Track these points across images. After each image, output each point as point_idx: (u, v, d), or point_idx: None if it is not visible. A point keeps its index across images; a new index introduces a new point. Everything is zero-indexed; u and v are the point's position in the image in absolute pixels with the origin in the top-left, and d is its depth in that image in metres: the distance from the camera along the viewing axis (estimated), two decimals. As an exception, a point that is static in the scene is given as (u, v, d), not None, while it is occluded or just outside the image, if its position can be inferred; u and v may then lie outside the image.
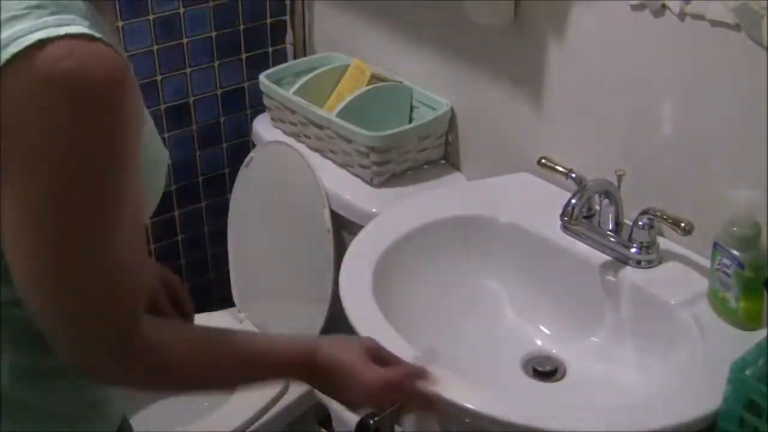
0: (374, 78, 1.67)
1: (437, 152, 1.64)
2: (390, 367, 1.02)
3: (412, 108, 1.67)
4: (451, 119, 1.61)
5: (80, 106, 0.76)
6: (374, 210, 1.52)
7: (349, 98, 1.62)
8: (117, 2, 1.69)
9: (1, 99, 0.74)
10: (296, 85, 1.72)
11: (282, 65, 1.87)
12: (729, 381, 1.00)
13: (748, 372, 1.00)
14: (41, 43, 0.74)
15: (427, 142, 1.61)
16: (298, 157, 1.65)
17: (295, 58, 1.96)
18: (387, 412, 1.49)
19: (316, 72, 1.74)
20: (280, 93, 1.71)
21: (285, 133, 1.75)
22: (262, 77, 1.76)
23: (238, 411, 1.66)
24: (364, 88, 1.64)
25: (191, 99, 1.89)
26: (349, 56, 1.76)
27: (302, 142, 1.71)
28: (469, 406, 1.05)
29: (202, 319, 1.86)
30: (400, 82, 1.68)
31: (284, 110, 1.72)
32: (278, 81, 1.77)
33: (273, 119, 1.78)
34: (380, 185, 1.59)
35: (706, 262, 1.22)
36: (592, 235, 1.31)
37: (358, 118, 1.58)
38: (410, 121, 1.66)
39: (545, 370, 1.28)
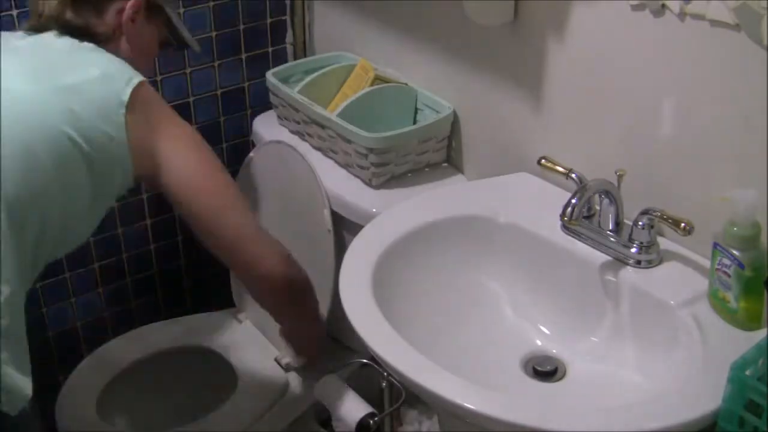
0: (378, 79, 1.67)
1: (439, 155, 1.64)
2: None
3: (417, 110, 1.67)
4: (454, 122, 1.61)
5: None
6: (374, 210, 1.52)
7: (351, 98, 1.62)
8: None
9: None
10: (301, 84, 1.72)
11: (290, 63, 1.87)
12: (729, 381, 1.00)
13: (748, 372, 1.00)
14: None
15: (428, 145, 1.61)
16: (298, 157, 1.66)
17: (295, 58, 1.97)
18: (387, 412, 1.49)
19: (321, 71, 1.74)
20: (284, 91, 1.71)
21: (290, 131, 1.75)
22: (269, 74, 1.76)
23: (238, 411, 1.66)
24: (367, 89, 1.64)
25: (191, 99, 1.90)
26: (357, 56, 1.76)
27: (306, 141, 1.71)
28: (469, 406, 1.05)
29: (201, 319, 1.88)
30: (405, 84, 1.67)
31: (289, 108, 1.72)
32: (286, 79, 1.77)
33: (279, 117, 1.78)
34: (379, 186, 1.59)
35: (706, 262, 1.22)
36: (592, 235, 1.31)
37: (361, 119, 1.58)
38: (415, 124, 1.66)
39: (545, 370, 1.28)
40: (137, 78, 1.31)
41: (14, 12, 1.62)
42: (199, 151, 1.36)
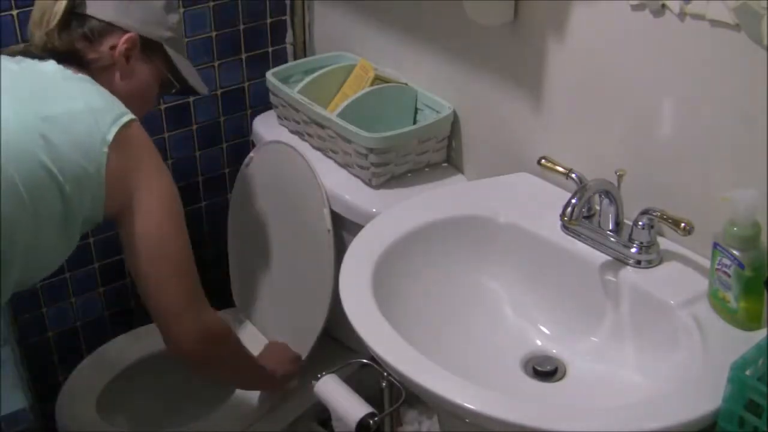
0: (378, 79, 1.67)
1: (439, 155, 1.64)
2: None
3: (417, 110, 1.67)
4: (454, 122, 1.61)
5: None
6: (374, 210, 1.52)
7: (351, 98, 1.62)
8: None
9: None
10: (301, 84, 1.72)
11: (290, 63, 1.87)
12: (729, 381, 1.00)
13: (748, 372, 1.00)
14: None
15: (428, 145, 1.61)
16: (298, 157, 1.66)
17: (295, 58, 1.97)
18: (387, 412, 1.49)
19: (320, 71, 1.74)
20: (284, 91, 1.71)
21: (290, 131, 1.75)
22: (269, 74, 1.76)
23: (238, 411, 1.66)
24: (367, 89, 1.64)
25: (191, 99, 1.90)
26: (357, 56, 1.76)
27: (305, 141, 1.71)
28: (469, 406, 1.05)
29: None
30: (405, 84, 1.67)
31: (289, 108, 1.72)
32: (286, 79, 1.77)
33: (279, 117, 1.79)
34: (379, 186, 1.59)
35: (706, 262, 1.22)
36: (592, 235, 1.31)
37: (361, 119, 1.58)
38: (415, 124, 1.66)
39: (545, 370, 1.28)
40: (127, 116, 1.26)
41: (14, 12, 1.62)
42: (167, 214, 1.33)
